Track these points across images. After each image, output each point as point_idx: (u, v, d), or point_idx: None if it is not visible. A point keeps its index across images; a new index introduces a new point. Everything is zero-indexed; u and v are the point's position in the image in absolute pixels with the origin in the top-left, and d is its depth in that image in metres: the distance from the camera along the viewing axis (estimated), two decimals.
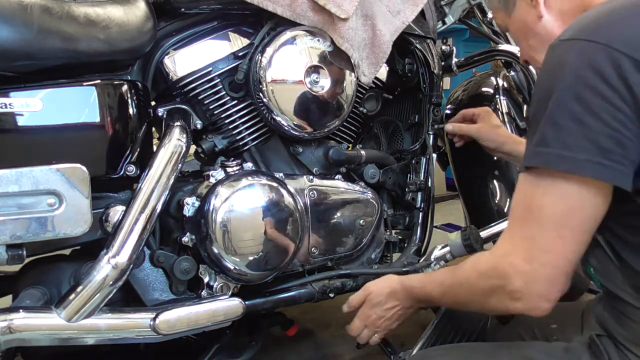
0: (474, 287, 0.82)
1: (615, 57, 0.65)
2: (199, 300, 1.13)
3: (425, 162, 1.46)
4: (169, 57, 1.18)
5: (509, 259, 0.74)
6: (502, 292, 0.75)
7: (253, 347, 1.32)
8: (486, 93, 1.70)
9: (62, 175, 0.93)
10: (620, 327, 0.75)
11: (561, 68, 0.70)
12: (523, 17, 0.92)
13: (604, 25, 0.70)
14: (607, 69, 0.65)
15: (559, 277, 0.71)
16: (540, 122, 0.71)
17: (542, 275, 0.71)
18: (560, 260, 0.71)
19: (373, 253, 1.40)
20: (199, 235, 1.10)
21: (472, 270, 0.83)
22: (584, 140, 0.66)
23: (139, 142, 1.11)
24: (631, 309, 0.73)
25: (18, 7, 0.94)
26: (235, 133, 1.24)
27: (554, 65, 0.72)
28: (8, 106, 0.96)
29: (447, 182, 3.18)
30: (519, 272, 0.72)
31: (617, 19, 0.70)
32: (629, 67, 0.65)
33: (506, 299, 0.75)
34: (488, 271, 0.78)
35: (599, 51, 0.66)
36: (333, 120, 1.28)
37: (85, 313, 0.98)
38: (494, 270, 0.76)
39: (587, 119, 0.66)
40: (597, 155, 0.66)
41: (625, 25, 0.69)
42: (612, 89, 0.65)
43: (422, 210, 1.46)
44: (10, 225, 0.90)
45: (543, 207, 0.70)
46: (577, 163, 0.66)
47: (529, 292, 0.72)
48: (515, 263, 0.73)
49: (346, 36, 1.21)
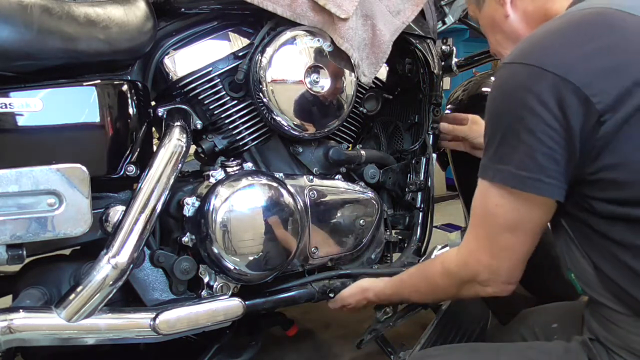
0: (448, 285, 0.95)
1: (552, 79, 0.69)
2: (199, 300, 1.13)
3: (425, 162, 1.46)
4: (169, 57, 1.18)
5: (475, 256, 0.86)
6: (474, 282, 0.88)
7: (253, 347, 1.32)
8: (486, 93, 1.69)
9: (62, 175, 0.93)
10: (605, 332, 0.77)
11: (504, 91, 0.76)
12: (491, 13, 0.97)
13: (541, 48, 0.74)
14: (544, 91, 0.69)
15: (518, 265, 0.84)
16: (491, 139, 0.78)
17: (505, 267, 0.84)
18: (518, 254, 0.82)
19: (373, 253, 1.40)
20: (199, 235, 1.10)
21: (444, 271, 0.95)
22: (525, 158, 0.72)
23: (139, 142, 1.11)
24: (612, 313, 0.75)
25: (18, 7, 0.94)
26: (235, 133, 1.24)
27: (499, 88, 0.78)
28: (8, 106, 0.96)
29: (447, 182, 3.18)
30: (485, 266, 0.85)
31: (553, 42, 0.74)
32: (563, 89, 0.68)
33: (477, 287, 0.88)
34: (460, 268, 0.90)
35: (536, 74, 0.71)
36: (333, 120, 1.28)
37: (85, 313, 0.98)
38: (465, 267, 0.88)
39: (527, 138, 0.71)
40: (536, 172, 0.72)
41: (560, 48, 0.72)
42: (547, 109, 0.69)
43: (422, 210, 1.46)
44: (10, 225, 0.90)
45: (497, 216, 0.80)
46: (520, 180, 0.73)
47: (496, 280, 0.86)
48: (481, 259, 0.85)
49: (346, 36, 1.21)
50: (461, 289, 0.92)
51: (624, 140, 0.67)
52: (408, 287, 1.10)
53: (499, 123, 0.76)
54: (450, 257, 0.93)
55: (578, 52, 0.71)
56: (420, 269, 1.10)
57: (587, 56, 0.70)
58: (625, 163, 0.68)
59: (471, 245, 0.87)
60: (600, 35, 0.72)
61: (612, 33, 0.72)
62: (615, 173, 0.68)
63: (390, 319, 1.28)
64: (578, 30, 0.74)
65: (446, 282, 0.94)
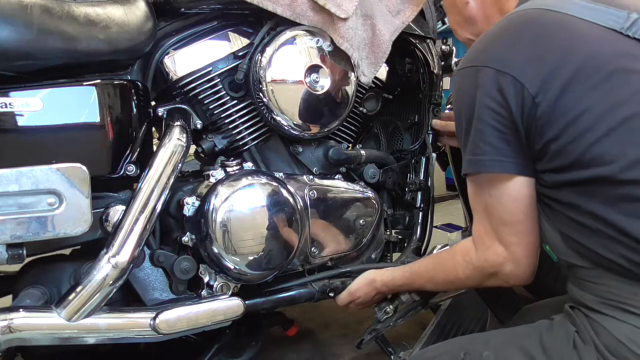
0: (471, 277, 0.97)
1: (496, 75, 0.81)
2: (199, 300, 1.13)
3: (425, 162, 1.46)
4: (169, 57, 1.18)
5: (492, 250, 0.90)
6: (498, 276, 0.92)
7: (253, 347, 1.33)
8: None
9: (62, 174, 0.93)
10: (581, 290, 0.83)
11: (460, 92, 0.89)
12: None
13: (483, 51, 0.86)
14: (488, 85, 0.81)
15: (533, 250, 0.89)
16: (460, 137, 0.89)
17: (521, 254, 0.88)
18: (528, 237, 0.87)
19: (373, 253, 1.40)
20: (199, 235, 1.10)
21: (467, 265, 0.96)
22: (483, 144, 0.83)
23: (139, 142, 1.12)
24: (581, 270, 0.83)
25: (18, 7, 0.94)
26: (235, 133, 1.24)
27: (456, 91, 0.91)
28: (8, 106, 0.96)
29: (447, 182, 3.17)
30: (504, 257, 0.89)
31: (492, 44, 0.86)
32: (502, 80, 0.80)
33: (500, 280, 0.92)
34: (482, 263, 0.92)
35: (481, 72, 0.83)
36: (333, 120, 1.28)
37: (85, 312, 0.98)
38: (487, 262, 0.91)
39: (482, 127, 0.83)
40: (494, 154, 0.83)
41: (497, 48, 0.85)
42: (492, 99, 0.81)
43: (422, 210, 1.46)
44: (11, 224, 0.90)
45: (493, 205, 0.87)
46: (483, 164, 0.84)
47: (518, 270, 0.89)
48: (498, 252, 0.89)
49: (346, 36, 1.21)
50: (485, 282, 0.96)
51: (559, 114, 0.77)
52: (423, 278, 1.11)
53: (461, 121, 0.87)
54: (470, 251, 0.95)
55: (511, 49, 0.83)
56: (437, 260, 1.12)
57: (517, 50, 0.82)
58: (563, 134, 0.77)
59: (485, 240, 0.91)
60: (526, 31, 0.84)
61: (535, 27, 0.84)
62: (556, 144, 0.78)
63: (390, 319, 1.28)
64: (510, 31, 0.86)
65: (469, 274, 0.97)
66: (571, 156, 0.77)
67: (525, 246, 0.88)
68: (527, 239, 0.87)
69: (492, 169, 0.84)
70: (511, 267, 0.89)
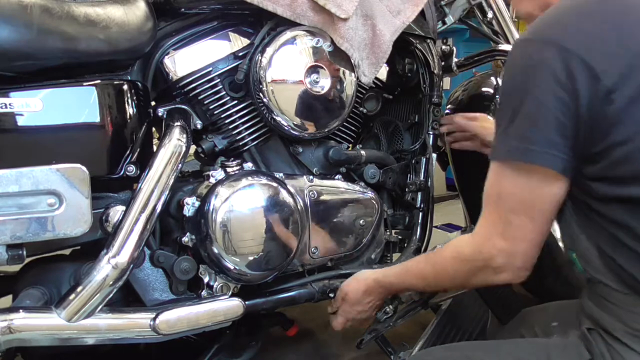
0: (459, 271, 0.90)
1: (566, 56, 0.70)
2: (199, 300, 1.13)
3: (425, 162, 1.46)
4: (169, 57, 1.18)
5: (491, 241, 0.82)
6: (487, 269, 0.85)
7: (253, 347, 1.32)
8: (486, 93, 1.70)
9: (62, 175, 0.93)
10: (603, 312, 0.77)
11: (517, 66, 0.77)
12: None
13: (555, 25, 0.75)
14: (555, 65, 0.70)
15: (533, 250, 0.82)
16: (502, 117, 0.78)
17: (520, 251, 0.81)
18: (533, 236, 0.80)
19: (373, 253, 1.40)
20: (199, 235, 1.10)
21: (455, 257, 0.91)
22: (536, 132, 0.73)
23: (139, 142, 1.11)
24: (611, 291, 0.76)
25: (18, 7, 0.93)
26: (235, 133, 1.24)
27: (512, 63, 0.79)
28: (8, 106, 0.95)
29: (447, 182, 3.17)
30: (500, 250, 0.82)
31: (571, 19, 0.75)
32: (577, 66, 0.69)
33: (491, 274, 0.85)
34: (473, 254, 0.86)
35: (549, 49, 0.72)
36: (333, 120, 1.28)
37: (85, 313, 0.98)
38: (479, 253, 0.85)
39: (538, 112, 0.72)
40: (546, 146, 0.73)
41: (578, 25, 0.73)
42: (558, 82, 0.70)
43: (422, 210, 1.46)
44: (10, 225, 0.90)
45: (510, 195, 0.79)
46: (530, 153, 0.74)
47: (511, 265, 0.82)
48: (496, 243, 0.82)
49: (346, 36, 1.21)
50: (472, 277, 0.89)
51: (634, 116, 0.68)
52: (413, 274, 1.05)
53: (509, 98, 0.77)
54: (463, 243, 0.90)
55: (587, 28, 0.72)
56: (429, 255, 1.06)
57: (594, 32, 0.71)
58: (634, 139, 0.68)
59: (485, 230, 0.85)
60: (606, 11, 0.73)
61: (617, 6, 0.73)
62: (622, 149, 0.69)
63: (390, 319, 1.28)
64: (587, 8, 0.75)
65: (457, 267, 0.91)
66: (635, 167, 0.69)
67: (528, 244, 0.81)
68: (533, 237, 0.81)
69: (541, 162, 0.74)
70: (503, 260, 0.82)
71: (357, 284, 1.17)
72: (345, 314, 1.20)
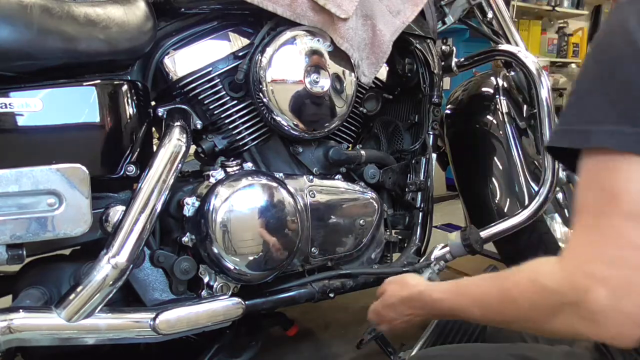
0: (535, 305, 0.63)
1: None
2: (199, 300, 1.13)
3: (425, 162, 1.46)
4: (169, 57, 1.18)
5: (584, 268, 0.56)
6: (575, 311, 0.57)
7: (253, 347, 1.32)
8: (486, 93, 1.70)
9: (62, 175, 0.93)
10: None
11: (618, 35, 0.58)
12: None
13: None
14: None
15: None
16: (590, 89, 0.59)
17: (636, 283, 0.53)
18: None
19: (373, 253, 1.40)
20: (199, 235, 1.10)
21: (532, 284, 0.64)
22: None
23: (139, 142, 1.11)
24: None
25: (18, 7, 0.94)
26: (235, 133, 1.24)
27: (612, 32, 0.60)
28: (8, 106, 0.96)
29: (447, 182, 3.17)
30: (601, 281, 0.54)
31: None
32: None
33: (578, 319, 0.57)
34: (559, 286, 0.59)
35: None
36: (333, 120, 1.28)
37: (85, 313, 0.98)
38: (569, 285, 0.58)
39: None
40: None
41: None
42: None
43: (422, 210, 1.46)
44: (10, 225, 0.90)
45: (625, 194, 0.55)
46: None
47: (615, 310, 0.54)
48: (594, 271, 0.55)
49: (346, 36, 1.21)
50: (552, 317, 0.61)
51: None
52: (470, 296, 0.76)
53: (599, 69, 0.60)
54: (545, 269, 0.63)
55: None
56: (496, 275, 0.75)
57: None
58: None
59: (578, 252, 0.59)
60: None
61: None
62: None
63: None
64: None
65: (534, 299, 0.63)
66: None
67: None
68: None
69: None
70: (605, 300, 0.54)
71: (400, 288, 0.95)
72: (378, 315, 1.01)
